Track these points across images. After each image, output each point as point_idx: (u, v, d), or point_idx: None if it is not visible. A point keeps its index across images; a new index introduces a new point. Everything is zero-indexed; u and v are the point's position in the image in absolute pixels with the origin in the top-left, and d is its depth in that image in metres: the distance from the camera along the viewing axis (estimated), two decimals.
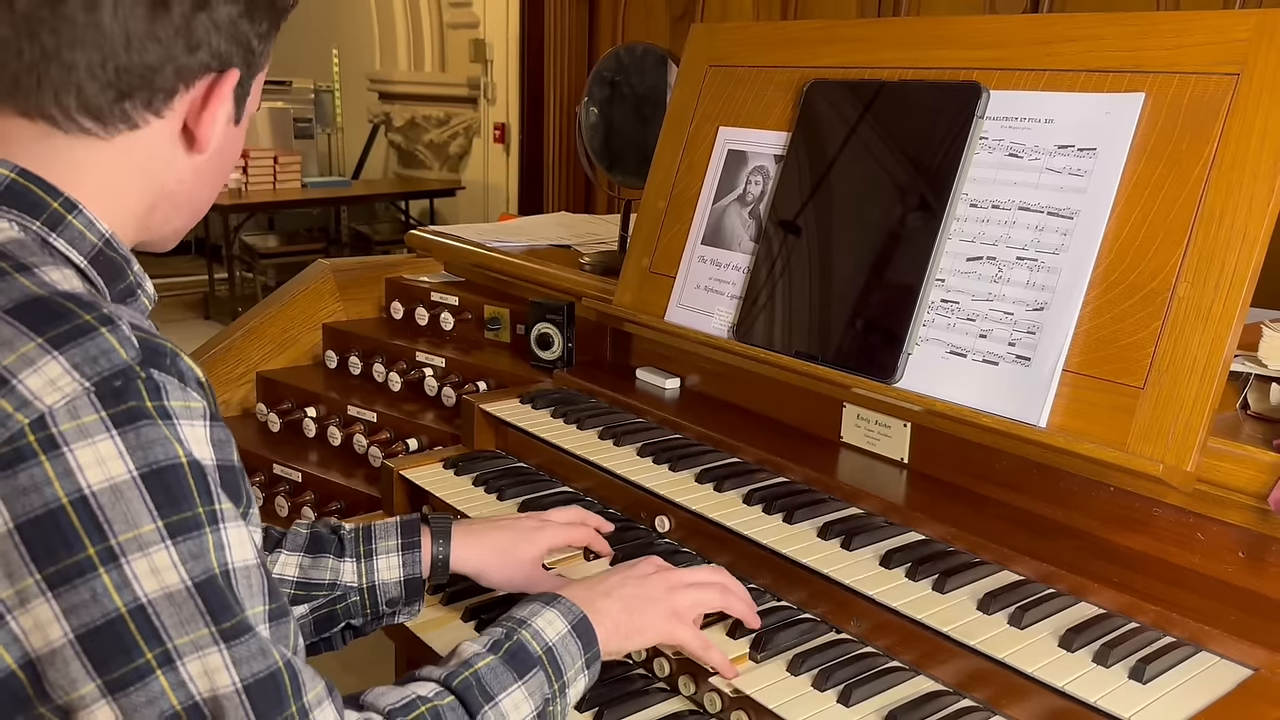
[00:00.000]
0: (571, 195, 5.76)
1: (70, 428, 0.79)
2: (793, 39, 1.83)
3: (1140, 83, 1.37)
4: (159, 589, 0.81)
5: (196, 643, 0.82)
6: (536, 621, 1.13)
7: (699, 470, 1.63)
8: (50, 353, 0.80)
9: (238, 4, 0.95)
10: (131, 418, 0.81)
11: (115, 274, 0.97)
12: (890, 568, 1.35)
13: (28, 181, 0.91)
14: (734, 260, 1.79)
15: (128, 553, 0.80)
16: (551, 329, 2.10)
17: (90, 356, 0.81)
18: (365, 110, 8.55)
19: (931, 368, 1.48)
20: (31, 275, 0.85)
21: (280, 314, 2.56)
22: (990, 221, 1.47)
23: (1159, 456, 1.25)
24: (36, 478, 0.78)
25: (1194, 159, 1.30)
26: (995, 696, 1.20)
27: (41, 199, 0.92)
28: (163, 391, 0.84)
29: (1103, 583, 1.27)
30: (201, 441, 0.86)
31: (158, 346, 0.86)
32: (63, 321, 0.82)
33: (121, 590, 0.80)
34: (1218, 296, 1.25)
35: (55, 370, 0.80)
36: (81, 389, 0.80)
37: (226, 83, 0.97)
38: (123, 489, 0.80)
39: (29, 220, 0.91)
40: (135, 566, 0.80)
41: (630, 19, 5.13)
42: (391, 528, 1.38)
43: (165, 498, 0.82)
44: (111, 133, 0.94)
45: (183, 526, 0.82)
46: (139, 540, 0.80)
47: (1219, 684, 1.13)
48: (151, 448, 0.81)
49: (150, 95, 0.94)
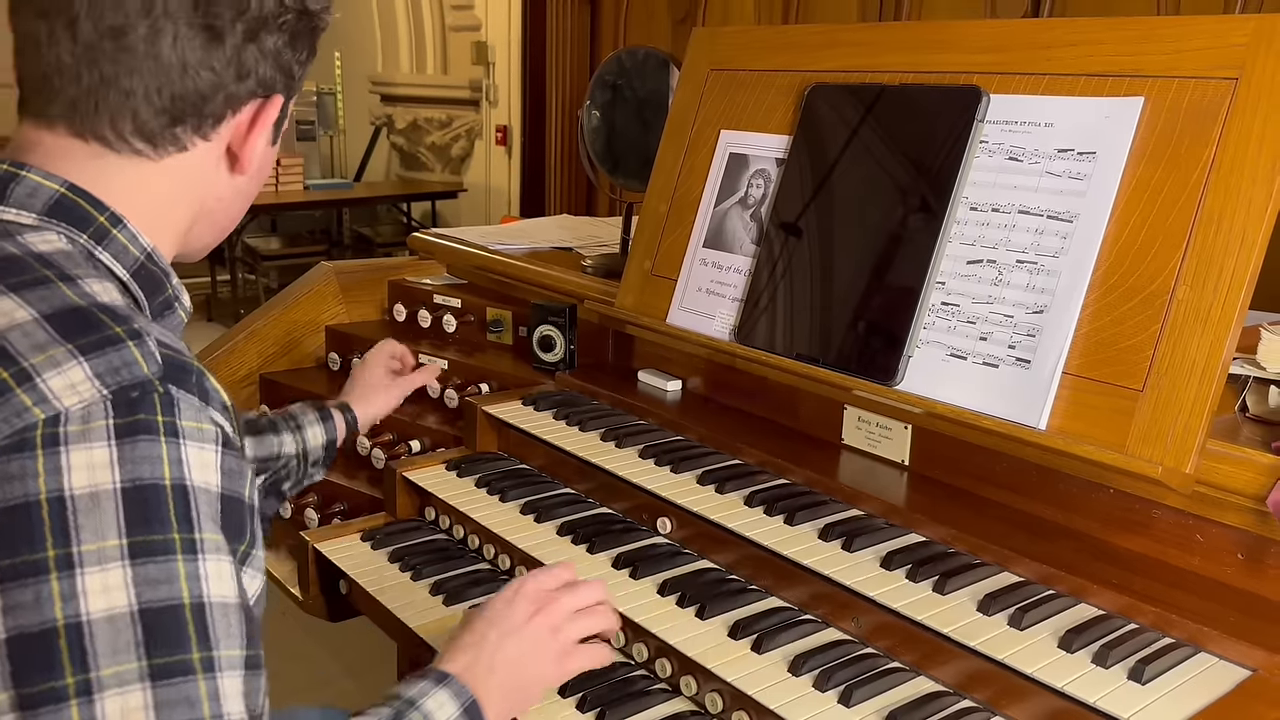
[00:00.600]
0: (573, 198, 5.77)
1: (76, 430, 0.80)
2: (794, 43, 1.84)
3: (1140, 87, 1.38)
4: (103, 610, 0.78)
5: (121, 676, 0.77)
6: (427, 704, 1.09)
7: (701, 472, 1.64)
8: (77, 358, 0.82)
9: (283, 34, 1.00)
10: (134, 430, 0.81)
11: (155, 287, 1.00)
12: (891, 569, 1.36)
13: (76, 196, 0.95)
14: (735, 263, 1.80)
15: (85, 564, 0.78)
16: (554, 331, 2.11)
17: (113, 366, 0.82)
18: (367, 112, 8.56)
19: (932, 370, 1.49)
20: (74, 285, 0.88)
21: (283, 316, 2.56)
22: (990, 225, 1.47)
23: (1158, 459, 1.26)
24: (26, 469, 0.78)
25: (1193, 163, 1.31)
26: (995, 697, 1.21)
27: (89, 213, 0.95)
28: (176, 408, 0.84)
29: (1102, 584, 1.28)
30: (209, 467, 0.85)
31: (183, 364, 0.87)
32: (94, 331, 0.84)
33: (66, 602, 0.77)
34: (1216, 299, 1.26)
35: (78, 375, 0.81)
36: (99, 396, 0.81)
37: (271, 108, 1.03)
38: (101, 499, 0.79)
39: (76, 233, 0.94)
40: (87, 580, 0.78)
41: (632, 22, 5.14)
42: (307, 407, 1.73)
43: (140, 516, 0.80)
44: (161, 154, 0.99)
45: (149, 548, 0.80)
46: (100, 554, 0.78)
47: (1218, 685, 1.14)
48: (140, 464, 0.81)
49: (200, 120, 0.99)
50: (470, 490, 1.78)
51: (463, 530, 1.75)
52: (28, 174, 0.94)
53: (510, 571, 1.64)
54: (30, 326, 0.83)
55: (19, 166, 0.94)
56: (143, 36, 0.93)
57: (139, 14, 0.92)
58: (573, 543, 1.59)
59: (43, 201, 0.93)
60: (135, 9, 0.92)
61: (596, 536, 1.58)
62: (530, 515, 1.68)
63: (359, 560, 1.72)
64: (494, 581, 1.62)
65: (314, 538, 1.79)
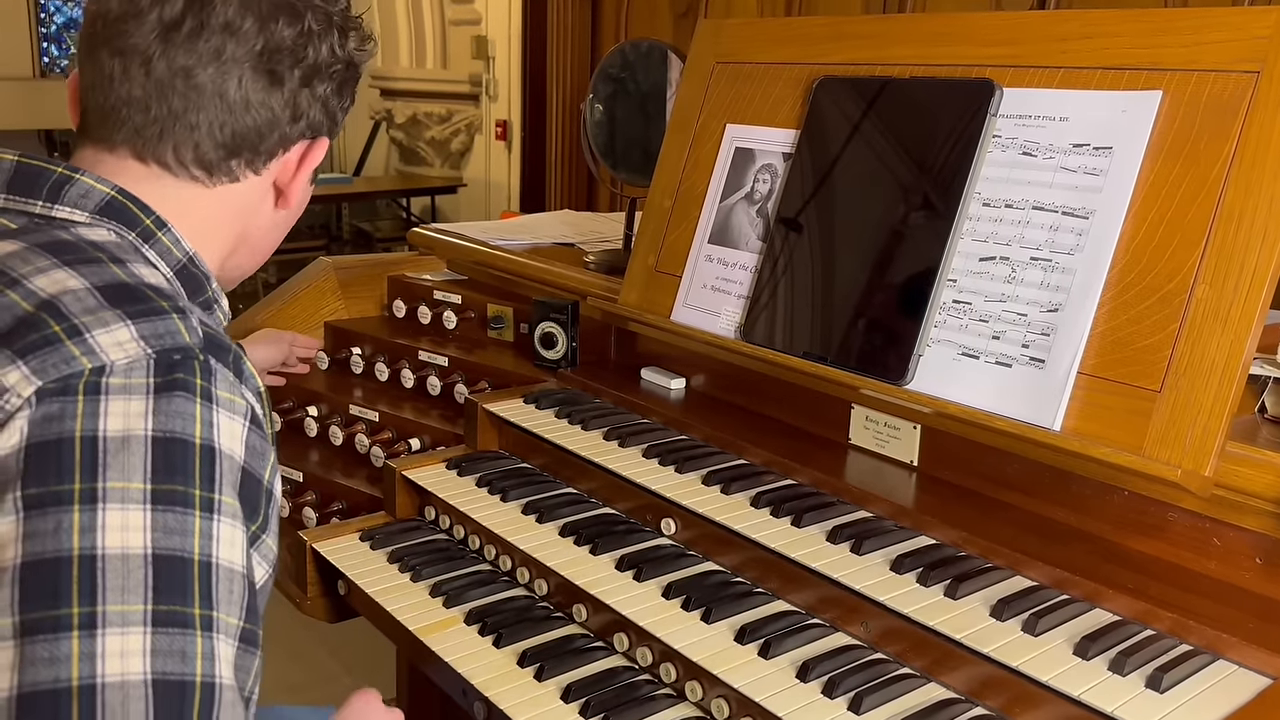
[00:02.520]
0: (574, 192, 5.74)
1: (119, 382, 0.83)
2: (801, 35, 1.81)
3: (1157, 80, 1.35)
4: (118, 547, 0.79)
5: (126, 616, 0.78)
6: None
7: (706, 472, 1.61)
8: (125, 321, 0.86)
9: (333, 81, 1.10)
10: (172, 387, 0.85)
11: (197, 288, 1.05)
12: (901, 573, 1.33)
13: (125, 199, 1.01)
14: (741, 259, 1.77)
15: (108, 500, 0.80)
16: (555, 328, 2.08)
17: (158, 332, 0.87)
18: (366, 107, 8.52)
19: (943, 369, 1.46)
20: (124, 267, 0.93)
21: (282, 312, 2.53)
22: (1004, 221, 1.44)
23: (1176, 461, 1.23)
24: (66, 410, 0.82)
25: (1212, 158, 1.28)
26: (1008, 705, 1.18)
27: (136, 215, 1.01)
28: (214, 376, 0.88)
29: (1117, 589, 1.25)
30: (235, 437, 0.88)
31: (223, 343, 0.92)
32: (142, 303, 0.89)
33: (84, 534, 0.79)
34: (1237, 298, 1.23)
35: (125, 334, 0.86)
36: (144, 354, 0.85)
37: (319, 149, 1.13)
38: (131, 442, 0.82)
39: (125, 231, 1.00)
40: (108, 516, 0.80)
41: (633, 15, 5.10)
42: None
43: (166, 465, 0.82)
44: (215, 183, 1.07)
45: (170, 498, 0.82)
46: (124, 493, 0.81)
47: (1237, 693, 1.11)
48: (175, 418, 0.84)
49: (255, 156, 1.07)
50: (471, 490, 1.76)
51: (463, 530, 1.72)
52: (81, 178, 1.00)
53: (511, 573, 1.61)
54: (82, 293, 0.87)
55: (74, 170, 1.00)
56: (211, 76, 1.02)
57: (210, 57, 1.01)
58: (575, 544, 1.56)
59: (95, 202, 0.99)
60: (207, 52, 1.01)
61: (599, 538, 1.55)
62: (532, 515, 1.65)
63: (358, 561, 1.69)
64: (495, 583, 1.59)
65: (312, 537, 1.76)
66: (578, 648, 1.42)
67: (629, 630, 1.39)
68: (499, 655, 1.42)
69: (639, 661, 1.38)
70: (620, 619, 1.40)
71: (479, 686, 1.35)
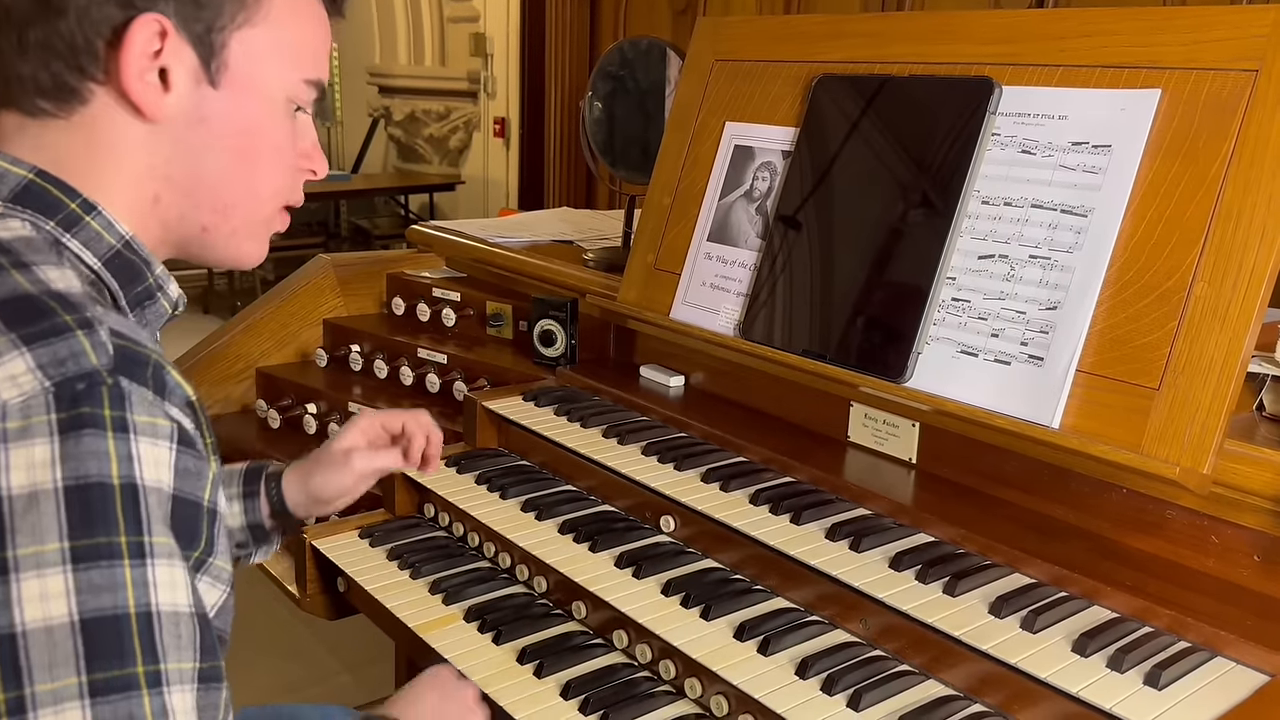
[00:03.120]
0: (572, 190, 5.74)
1: (16, 426, 0.73)
2: (800, 33, 1.81)
3: (1156, 79, 1.35)
4: (40, 619, 0.71)
5: (57, 694, 0.71)
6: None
7: (705, 470, 1.62)
8: (20, 348, 0.76)
9: None
10: (78, 424, 0.74)
11: (133, 276, 0.93)
12: (900, 570, 1.33)
13: (46, 183, 0.88)
14: (740, 257, 1.77)
15: (21, 569, 0.71)
16: (554, 326, 2.08)
17: (59, 358, 0.76)
18: (365, 104, 8.52)
19: (942, 367, 1.46)
20: (27, 272, 0.81)
21: (280, 309, 2.54)
22: (1002, 219, 1.45)
23: (1175, 459, 1.23)
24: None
25: (1211, 156, 1.28)
26: (1007, 702, 1.18)
27: (59, 200, 0.89)
28: (126, 401, 0.77)
29: (1116, 586, 1.25)
30: (161, 465, 0.78)
31: (137, 355, 0.79)
32: (42, 319, 0.78)
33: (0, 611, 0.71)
34: (1235, 296, 1.23)
35: (19, 366, 0.75)
36: (41, 388, 0.75)
37: (137, 29, 0.87)
38: (40, 498, 0.72)
39: (42, 220, 0.88)
40: (24, 587, 0.71)
41: (632, 13, 5.10)
42: (234, 475, 1.40)
43: (83, 517, 0.73)
44: (67, 111, 0.89)
45: (91, 553, 0.73)
46: (38, 558, 0.72)
47: (1235, 690, 1.12)
48: (85, 460, 0.74)
49: (73, 57, 0.87)
50: (470, 487, 1.76)
51: (462, 528, 1.73)
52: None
53: (510, 570, 1.61)
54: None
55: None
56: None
57: None
58: (574, 541, 1.57)
59: (9, 188, 0.88)
60: None
61: (598, 535, 1.55)
62: (531, 513, 1.65)
63: (357, 558, 1.69)
64: (494, 580, 1.59)
65: (311, 535, 1.76)
66: (577, 645, 1.43)
67: (628, 627, 1.40)
68: (498, 652, 1.42)
69: (638, 659, 1.38)
70: (619, 616, 1.40)
71: (478, 683, 1.35)
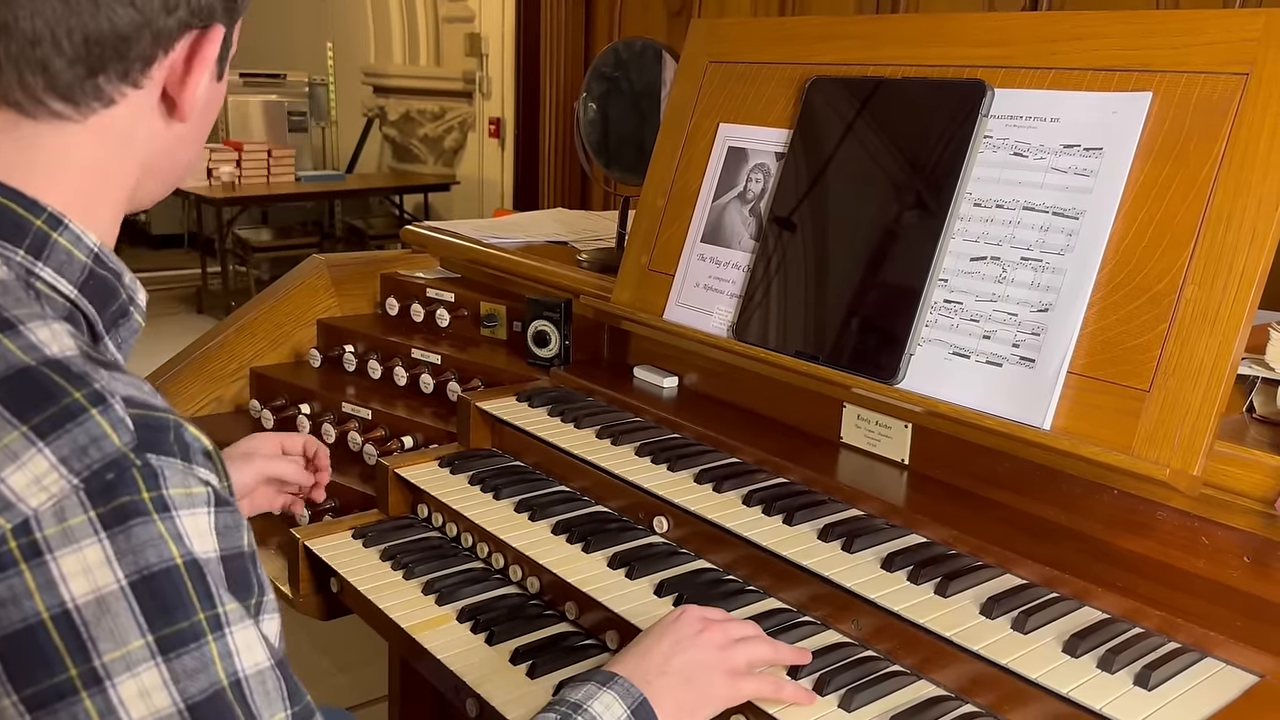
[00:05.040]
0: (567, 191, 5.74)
1: (55, 532, 0.71)
2: (794, 35, 1.82)
3: (1147, 82, 1.36)
4: (148, 715, 0.72)
5: None
6: (594, 706, 1.06)
7: (698, 470, 1.62)
8: (36, 444, 0.71)
9: None
10: (122, 517, 0.72)
11: (108, 295, 0.88)
12: (892, 571, 1.34)
13: (6, 199, 0.82)
14: (734, 258, 1.77)
15: (113, 675, 0.71)
16: (548, 326, 2.08)
17: (80, 447, 0.72)
18: (359, 104, 8.51)
19: (934, 368, 1.47)
20: (18, 336, 0.75)
21: (274, 309, 2.53)
22: (994, 221, 1.45)
23: (1165, 460, 1.24)
24: (16, 589, 0.70)
25: (1202, 159, 1.29)
26: (998, 702, 1.19)
27: (23, 219, 0.82)
28: (161, 479, 0.74)
29: (1106, 587, 1.26)
30: (205, 534, 0.77)
31: (156, 423, 0.76)
32: (50, 403, 0.73)
33: (106, 719, 0.71)
34: (1225, 298, 1.24)
35: (42, 466, 0.71)
36: (70, 487, 0.71)
37: (210, 42, 0.87)
38: (109, 601, 0.71)
39: (12, 250, 0.81)
40: (121, 690, 0.71)
41: (627, 14, 5.10)
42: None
43: (157, 607, 0.72)
44: (85, 113, 0.84)
45: (177, 640, 0.73)
46: (126, 659, 0.71)
47: (1225, 691, 1.12)
48: (143, 551, 0.72)
49: (126, 66, 0.83)
50: (464, 487, 1.76)
51: (456, 528, 1.73)
52: None
53: (504, 571, 1.62)
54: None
55: None
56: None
57: None
58: (568, 541, 1.57)
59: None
60: None
61: (592, 535, 1.56)
62: (525, 513, 1.65)
63: (350, 558, 1.69)
64: (487, 580, 1.59)
65: (304, 535, 1.76)
66: (570, 645, 1.43)
67: (621, 628, 1.40)
68: (491, 652, 1.42)
69: None
70: (612, 616, 1.41)
71: (471, 684, 1.35)
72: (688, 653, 1.15)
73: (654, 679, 1.11)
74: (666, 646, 1.16)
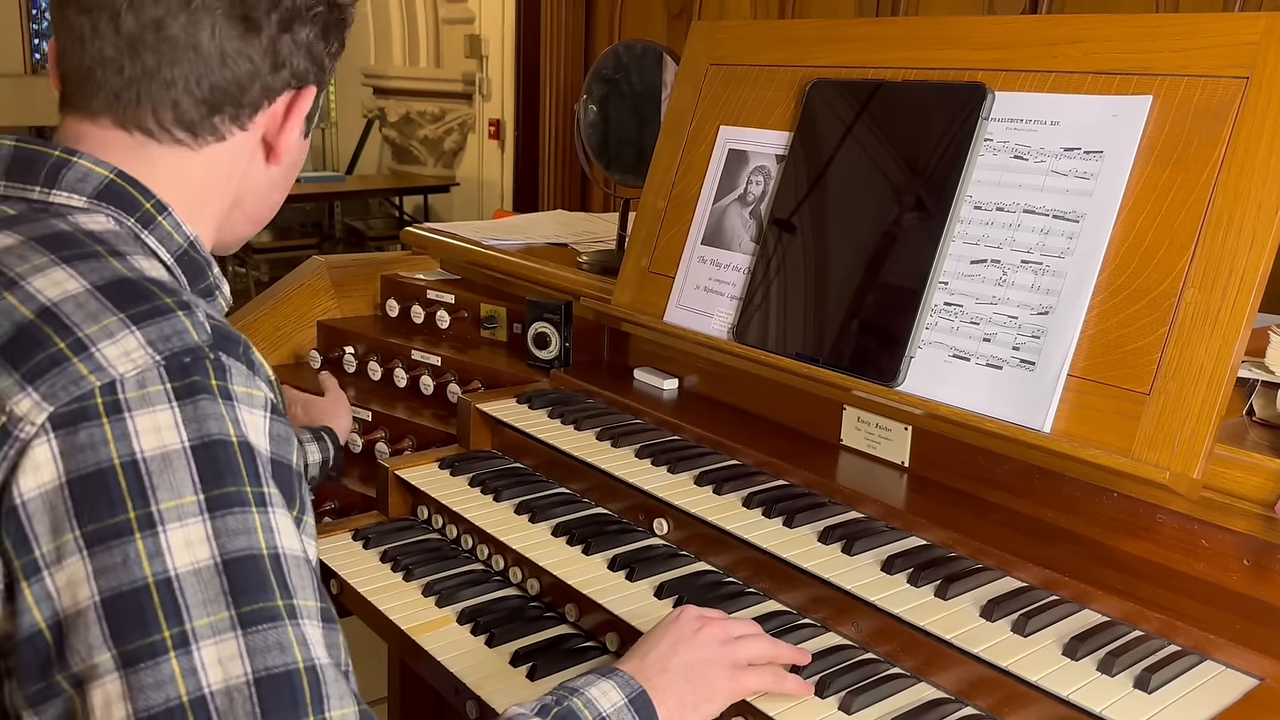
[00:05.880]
0: (567, 192, 5.74)
1: (136, 396, 0.83)
2: (794, 37, 1.82)
3: (1148, 85, 1.36)
4: (189, 564, 0.81)
5: (215, 626, 0.80)
6: (590, 691, 1.09)
7: (698, 472, 1.62)
8: (129, 327, 0.85)
9: (316, 26, 1.05)
10: (193, 391, 0.84)
11: (197, 274, 1.03)
12: (892, 573, 1.34)
13: (124, 183, 0.98)
14: (734, 261, 1.77)
15: (166, 521, 0.81)
16: (549, 328, 2.08)
17: (164, 334, 0.85)
18: (359, 105, 8.51)
19: (934, 371, 1.47)
20: (124, 260, 0.91)
21: (274, 310, 2.53)
22: (995, 224, 1.45)
23: (1165, 463, 1.24)
24: (95, 437, 0.81)
25: (1202, 163, 1.29)
26: (998, 705, 1.19)
27: (136, 199, 0.99)
28: (228, 374, 0.87)
29: (1106, 590, 1.26)
30: (259, 431, 0.88)
31: (231, 335, 0.91)
32: (145, 301, 0.87)
33: (153, 559, 0.80)
34: (1225, 302, 1.24)
35: (131, 343, 0.84)
36: (152, 362, 0.84)
37: (305, 98, 1.07)
38: (172, 457, 0.82)
39: (124, 216, 0.98)
40: (170, 537, 0.81)
41: (627, 16, 5.10)
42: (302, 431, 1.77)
43: (212, 470, 0.83)
44: (200, 144, 1.03)
45: (224, 501, 0.83)
46: (179, 510, 0.81)
47: (1225, 694, 1.12)
48: (206, 421, 0.84)
49: (238, 110, 1.03)
50: (464, 489, 1.76)
51: (456, 530, 1.73)
52: (79, 160, 0.97)
53: (504, 573, 1.62)
54: (83, 296, 0.86)
55: (70, 153, 0.98)
56: (182, 26, 0.97)
57: (179, 6, 0.97)
58: (568, 544, 1.57)
59: (93, 186, 0.97)
60: (176, 1, 0.97)
61: (592, 537, 1.56)
62: (525, 515, 1.65)
63: (350, 560, 1.69)
64: (487, 583, 1.59)
65: None
66: (570, 647, 1.43)
67: (621, 630, 1.40)
68: (491, 655, 1.42)
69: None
70: (612, 619, 1.41)
71: (471, 686, 1.36)
72: (688, 650, 1.18)
73: (654, 677, 1.14)
74: (666, 646, 1.18)
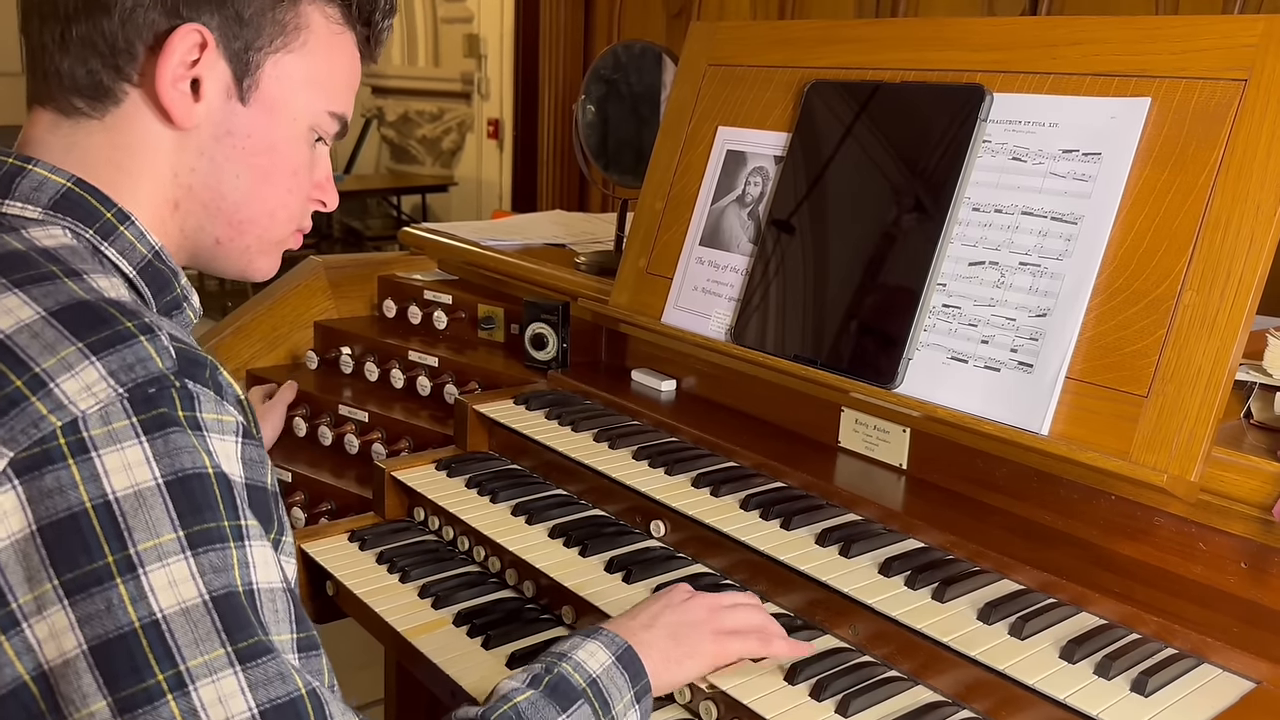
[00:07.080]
0: (566, 192, 5.74)
1: (101, 433, 0.78)
2: (793, 38, 1.81)
3: (1146, 87, 1.36)
4: (175, 604, 0.78)
5: (211, 665, 0.78)
6: (577, 654, 1.09)
7: (695, 474, 1.62)
8: (88, 357, 0.80)
9: None
10: (161, 424, 0.80)
11: (163, 286, 0.98)
12: (889, 576, 1.34)
13: (83, 191, 0.93)
14: (732, 262, 1.77)
15: (146, 563, 0.78)
16: (546, 329, 2.08)
17: (127, 364, 0.81)
18: (357, 104, 8.51)
19: (932, 373, 1.46)
20: (80, 280, 0.85)
21: (271, 311, 2.53)
22: (993, 226, 1.45)
23: (1163, 466, 1.24)
24: (63, 480, 0.77)
25: (1200, 165, 1.29)
26: (995, 708, 1.19)
27: (95, 208, 0.93)
28: (196, 402, 0.83)
29: (1104, 593, 1.26)
30: (231, 458, 0.85)
31: (196, 358, 0.86)
32: (104, 327, 0.82)
33: (137, 603, 0.77)
34: (1223, 304, 1.24)
35: (92, 375, 0.79)
36: (115, 395, 0.79)
37: (178, 38, 0.92)
38: (146, 496, 0.79)
39: (82, 228, 0.92)
40: (153, 578, 0.78)
41: (626, 16, 5.10)
42: None
43: (189, 506, 0.80)
44: (100, 110, 0.93)
45: (204, 537, 0.80)
46: (159, 550, 0.78)
47: (1222, 697, 1.12)
48: (179, 455, 0.80)
49: (113, 57, 0.91)
50: (460, 491, 1.76)
51: (452, 531, 1.72)
52: (34, 168, 0.92)
53: (500, 574, 1.61)
54: (38, 325, 0.81)
55: (26, 160, 0.92)
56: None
57: None
58: (565, 545, 1.56)
59: (49, 195, 0.91)
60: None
61: (589, 539, 1.55)
62: (521, 517, 1.65)
63: (346, 561, 1.69)
64: (484, 584, 1.59)
65: (300, 538, 1.75)
66: None
67: None
68: (488, 656, 1.42)
69: None
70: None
71: (467, 688, 1.35)
72: (674, 614, 1.19)
73: (639, 633, 1.15)
74: (655, 608, 1.20)
